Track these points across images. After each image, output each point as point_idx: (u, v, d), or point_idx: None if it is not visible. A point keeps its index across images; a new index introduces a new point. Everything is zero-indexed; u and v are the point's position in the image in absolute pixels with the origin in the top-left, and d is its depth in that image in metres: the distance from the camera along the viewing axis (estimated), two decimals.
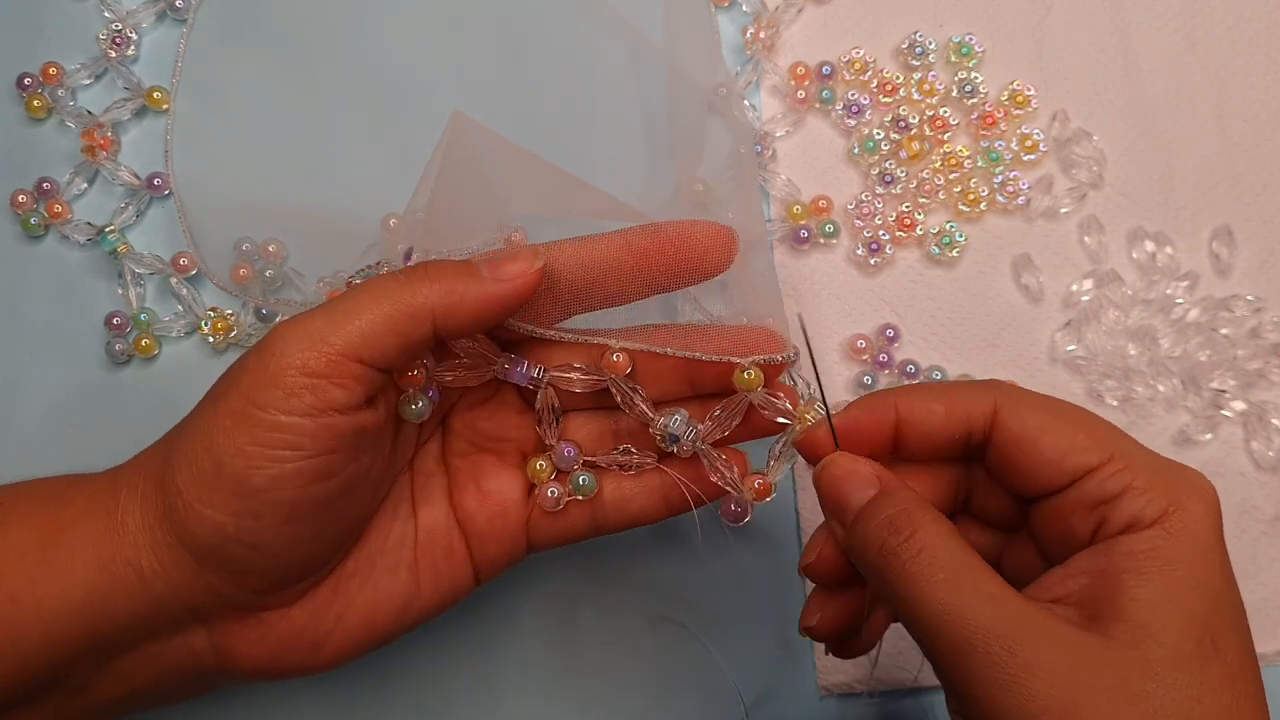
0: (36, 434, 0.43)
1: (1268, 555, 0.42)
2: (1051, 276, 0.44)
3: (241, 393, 0.29)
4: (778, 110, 0.46)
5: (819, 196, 0.44)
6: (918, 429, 0.32)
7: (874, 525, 0.29)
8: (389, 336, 0.30)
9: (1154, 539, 0.28)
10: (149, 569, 0.29)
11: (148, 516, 0.30)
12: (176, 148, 0.46)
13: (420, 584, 0.34)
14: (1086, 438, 0.30)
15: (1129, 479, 0.29)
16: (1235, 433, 0.43)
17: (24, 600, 0.28)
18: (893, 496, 0.30)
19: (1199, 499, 0.29)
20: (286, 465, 0.29)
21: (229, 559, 0.29)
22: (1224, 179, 0.45)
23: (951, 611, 0.27)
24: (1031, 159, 0.45)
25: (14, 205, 0.45)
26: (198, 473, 0.29)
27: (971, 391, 0.31)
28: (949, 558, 0.28)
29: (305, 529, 0.30)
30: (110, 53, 0.46)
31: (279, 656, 0.32)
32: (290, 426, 0.28)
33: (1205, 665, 0.27)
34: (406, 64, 0.46)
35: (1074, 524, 0.30)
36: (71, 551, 0.29)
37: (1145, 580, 0.28)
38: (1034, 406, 0.30)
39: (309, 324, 0.29)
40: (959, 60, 0.45)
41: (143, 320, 0.43)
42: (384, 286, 0.30)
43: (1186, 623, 0.27)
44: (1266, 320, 0.43)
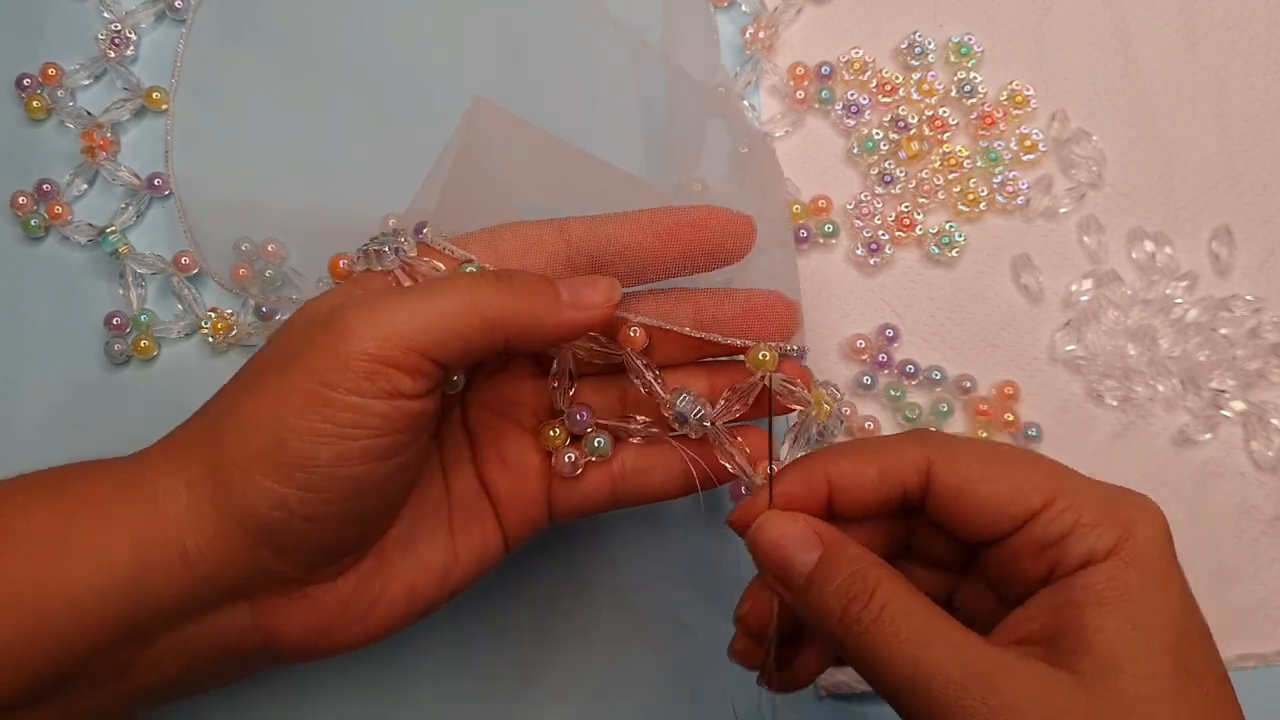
0: (36, 434, 0.43)
1: (1268, 555, 0.42)
2: (1051, 276, 0.44)
3: (312, 374, 0.28)
4: (777, 110, 0.46)
5: (818, 196, 0.44)
6: (851, 494, 0.31)
7: (830, 592, 0.29)
8: (464, 343, 0.30)
9: (1111, 570, 0.28)
10: (194, 548, 0.29)
11: (196, 497, 0.29)
12: (176, 148, 0.46)
13: (457, 551, 0.34)
14: (1025, 482, 0.29)
15: (1075, 516, 0.28)
16: (1235, 433, 0.43)
17: (50, 585, 0.28)
18: (842, 557, 0.29)
19: (1148, 524, 0.29)
20: (356, 443, 0.29)
21: (289, 534, 0.29)
22: (1224, 179, 0.45)
23: (920, 669, 0.27)
24: (1031, 159, 0.45)
25: (14, 207, 0.44)
26: (261, 449, 0.28)
27: (902, 449, 0.30)
28: (910, 615, 0.28)
29: (366, 503, 0.30)
30: (109, 53, 0.46)
31: (323, 631, 0.31)
32: (363, 408, 0.28)
33: (1183, 695, 0.27)
34: (406, 64, 0.46)
35: (1026, 566, 0.29)
36: (99, 536, 0.28)
37: (1108, 611, 0.27)
38: (968, 457, 0.30)
39: (386, 314, 0.29)
40: (958, 60, 0.45)
41: (143, 321, 0.43)
42: (467, 291, 0.30)
43: (1156, 650, 0.27)
44: (1266, 320, 0.43)
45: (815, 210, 0.44)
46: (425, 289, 0.30)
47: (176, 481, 0.29)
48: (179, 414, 0.43)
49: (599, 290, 0.32)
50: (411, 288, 0.31)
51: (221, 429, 0.29)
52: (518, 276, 0.31)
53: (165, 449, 0.30)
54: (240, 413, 0.29)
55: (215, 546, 0.29)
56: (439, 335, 0.29)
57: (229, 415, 0.30)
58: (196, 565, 0.29)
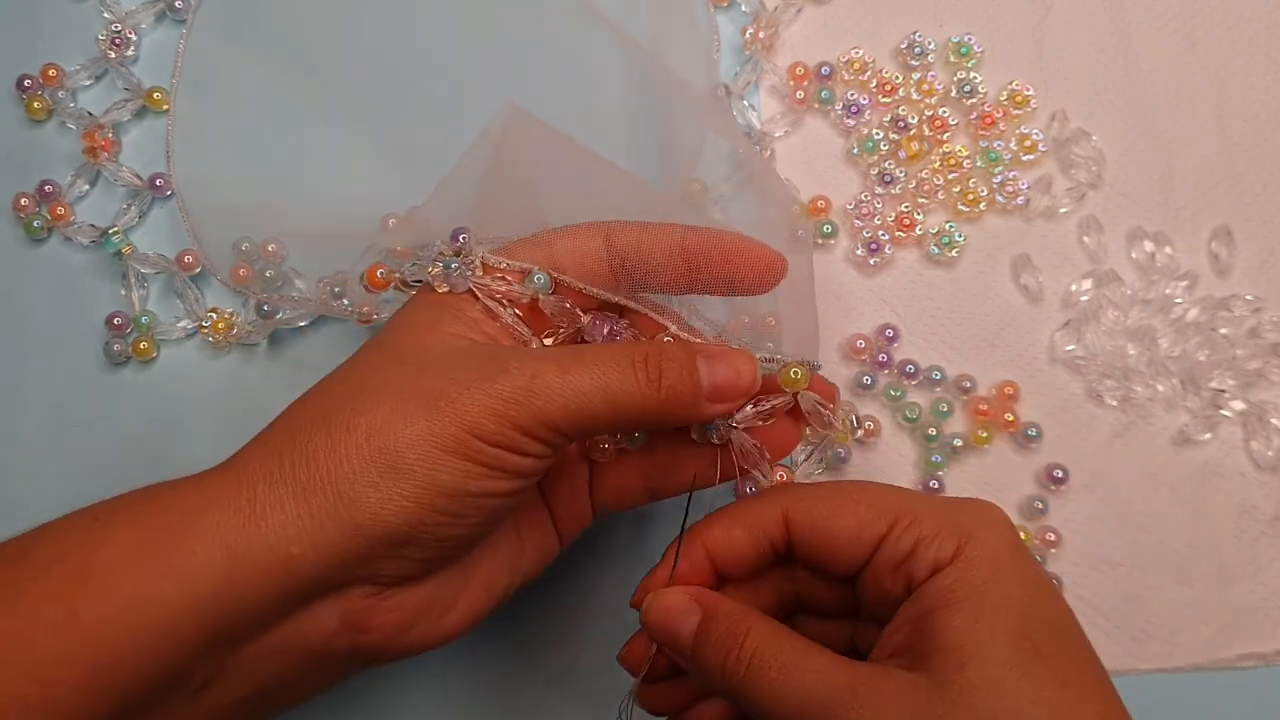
0: (37, 435, 0.43)
1: (1268, 555, 0.42)
2: (1051, 276, 0.44)
3: (464, 422, 0.29)
4: (777, 110, 0.46)
5: (817, 197, 0.44)
6: (729, 556, 0.33)
7: (708, 652, 0.31)
8: (597, 425, 0.31)
9: (954, 573, 0.30)
10: (299, 555, 0.29)
11: (306, 507, 0.29)
12: (177, 148, 0.46)
13: (524, 544, 0.35)
14: (869, 511, 0.32)
15: (918, 531, 0.31)
16: (1235, 432, 0.43)
17: (145, 601, 0.28)
18: (715, 617, 0.32)
19: (987, 526, 0.31)
20: (497, 482, 0.30)
21: (413, 545, 0.30)
22: (1224, 179, 0.45)
23: (789, 699, 0.29)
24: (1031, 159, 0.45)
25: (16, 208, 0.45)
26: (404, 472, 0.29)
27: (759, 507, 0.33)
28: (775, 650, 0.30)
29: (491, 529, 0.32)
30: (110, 53, 0.46)
31: (408, 628, 0.32)
32: (507, 460, 0.30)
33: (1030, 670, 0.28)
34: (406, 64, 0.46)
35: (888, 586, 0.32)
36: (193, 549, 0.29)
37: (953, 610, 0.29)
38: (816, 499, 0.33)
39: (541, 386, 0.30)
40: (958, 60, 0.45)
41: (144, 323, 0.43)
42: (609, 374, 0.31)
43: (1000, 636, 0.29)
44: (1266, 320, 0.43)
45: (814, 210, 0.44)
46: (569, 361, 0.31)
47: (282, 494, 0.29)
48: (178, 415, 0.43)
49: (742, 381, 0.32)
50: (558, 357, 0.31)
51: (343, 444, 0.30)
52: (667, 357, 0.31)
53: (263, 461, 0.30)
54: (368, 431, 0.30)
55: (325, 554, 0.29)
56: (577, 416, 0.30)
57: (347, 433, 0.30)
58: (299, 570, 0.29)
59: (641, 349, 0.31)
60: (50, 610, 0.28)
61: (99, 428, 0.43)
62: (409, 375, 0.30)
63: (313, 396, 0.32)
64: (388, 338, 0.33)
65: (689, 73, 0.44)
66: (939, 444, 0.42)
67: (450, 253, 0.34)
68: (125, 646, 0.28)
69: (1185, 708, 0.41)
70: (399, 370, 0.31)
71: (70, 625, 0.28)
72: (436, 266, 0.33)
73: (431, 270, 0.33)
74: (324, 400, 0.31)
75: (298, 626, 0.30)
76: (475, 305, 0.33)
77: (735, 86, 0.45)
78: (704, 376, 0.31)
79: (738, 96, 0.45)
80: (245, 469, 0.30)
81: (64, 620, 0.28)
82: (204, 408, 0.43)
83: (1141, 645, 0.41)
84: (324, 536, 0.29)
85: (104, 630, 0.28)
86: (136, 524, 0.29)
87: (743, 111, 0.45)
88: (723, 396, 0.32)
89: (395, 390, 0.30)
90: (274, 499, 0.29)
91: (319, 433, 0.30)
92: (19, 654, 0.27)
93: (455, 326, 0.33)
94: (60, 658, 0.27)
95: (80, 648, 0.28)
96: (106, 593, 0.28)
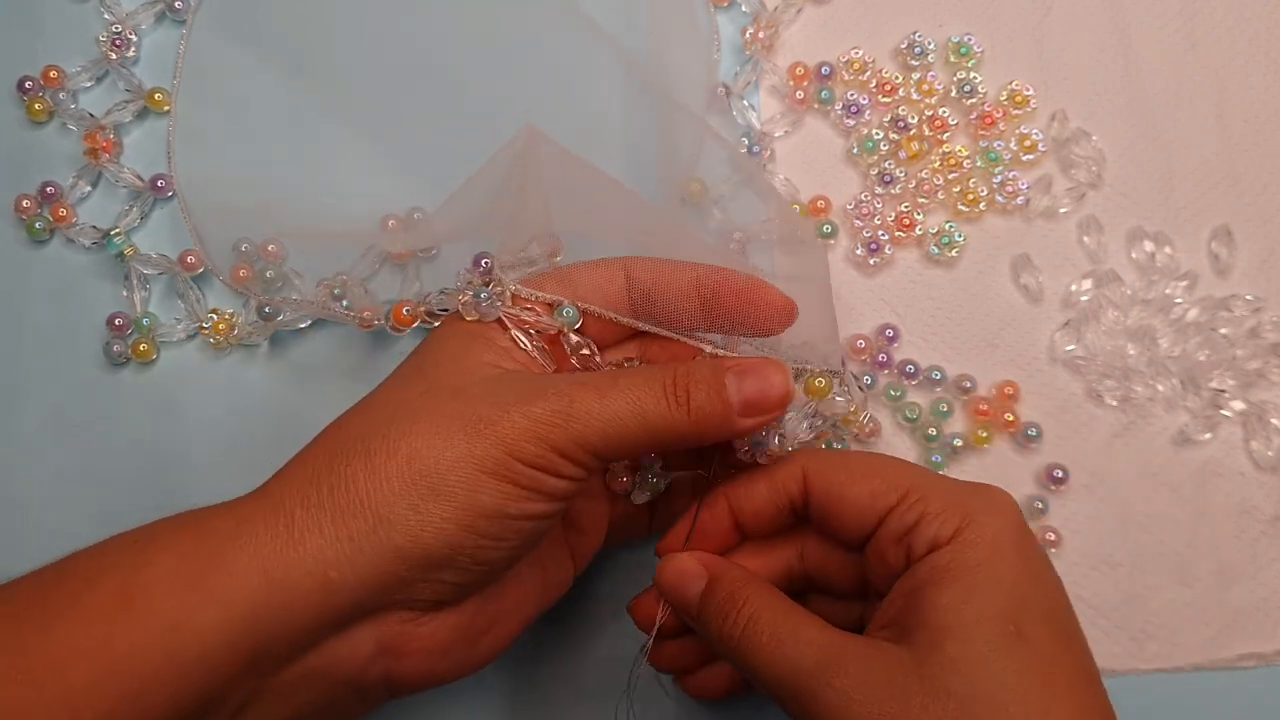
0: (38, 436, 0.43)
1: (1267, 555, 0.42)
2: (1051, 276, 0.44)
3: (504, 445, 0.30)
4: (776, 110, 0.46)
5: (817, 197, 0.45)
6: (749, 509, 0.35)
7: (709, 615, 0.33)
8: (630, 448, 0.32)
9: (951, 552, 0.31)
10: (338, 578, 0.29)
11: (348, 529, 0.29)
12: (178, 149, 0.46)
13: (547, 571, 0.36)
14: (882, 482, 0.33)
15: (923, 507, 0.32)
16: (1234, 432, 0.43)
17: (183, 629, 0.28)
18: (720, 582, 0.33)
19: (993, 511, 0.32)
20: (537, 505, 0.31)
21: (451, 568, 0.31)
22: (1224, 179, 0.45)
23: (778, 664, 0.30)
24: (1030, 159, 0.45)
25: (18, 210, 0.45)
26: (445, 495, 0.30)
27: (784, 464, 0.34)
28: (769, 620, 0.31)
29: (527, 552, 0.33)
30: (110, 54, 0.46)
31: (443, 654, 0.32)
32: (544, 482, 0.31)
33: (1010, 652, 0.29)
34: (405, 64, 0.46)
35: (889, 559, 0.33)
36: (230, 573, 0.29)
37: (944, 589, 0.30)
38: (836, 465, 0.34)
39: (580, 412, 0.31)
40: (958, 60, 0.45)
41: (144, 324, 0.43)
42: (641, 400, 0.31)
43: (986, 618, 0.29)
44: (1266, 320, 0.43)
45: (814, 211, 0.44)
46: (604, 386, 0.31)
47: (320, 517, 0.30)
48: (178, 416, 0.43)
49: (773, 393, 0.32)
50: (594, 383, 0.31)
51: (383, 467, 0.30)
52: (693, 387, 0.32)
53: (300, 486, 0.30)
54: (408, 454, 0.30)
55: (364, 577, 0.30)
56: (613, 440, 0.31)
57: (388, 456, 0.30)
58: (337, 594, 0.29)
59: (670, 372, 0.32)
60: (82, 637, 0.28)
61: (99, 428, 0.43)
62: (447, 400, 0.31)
63: (349, 421, 0.32)
64: (422, 365, 0.33)
65: (689, 73, 0.44)
66: (939, 444, 0.42)
67: (480, 282, 0.34)
68: (160, 671, 0.28)
69: (1185, 708, 0.41)
70: (437, 395, 0.31)
71: (102, 652, 0.28)
72: (466, 295, 0.34)
73: (461, 299, 0.34)
74: (362, 425, 0.31)
75: (333, 653, 0.31)
76: (504, 335, 0.34)
77: (735, 86, 0.45)
78: (733, 394, 0.32)
79: (737, 96, 0.45)
80: (282, 494, 0.30)
81: (95, 647, 0.28)
82: (204, 409, 0.44)
83: (1141, 645, 0.41)
84: (363, 559, 0.29)
85: (138, 656, 0.28)
86: (173, 549, 0.29)
87: (743, 111, 0.45)
88: (755, 411, 0.32)
89: (435, 414, 0.31)
90: (312, 523, 0.29)
91: (358, 457, 0.30)
92: (50, 681, 0.27)
93: (488, 355, 0.33)
94: (91, 685, 0.27)
95: (111, 675, 0.28)
96: (143, 617, 0.28)
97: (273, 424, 0.43)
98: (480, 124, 0.45)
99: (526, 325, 0.34)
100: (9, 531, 0.43)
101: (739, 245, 0.43)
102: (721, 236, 0.43)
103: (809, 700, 0.30)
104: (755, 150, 0.45)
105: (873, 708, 0.29)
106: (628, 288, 0.35)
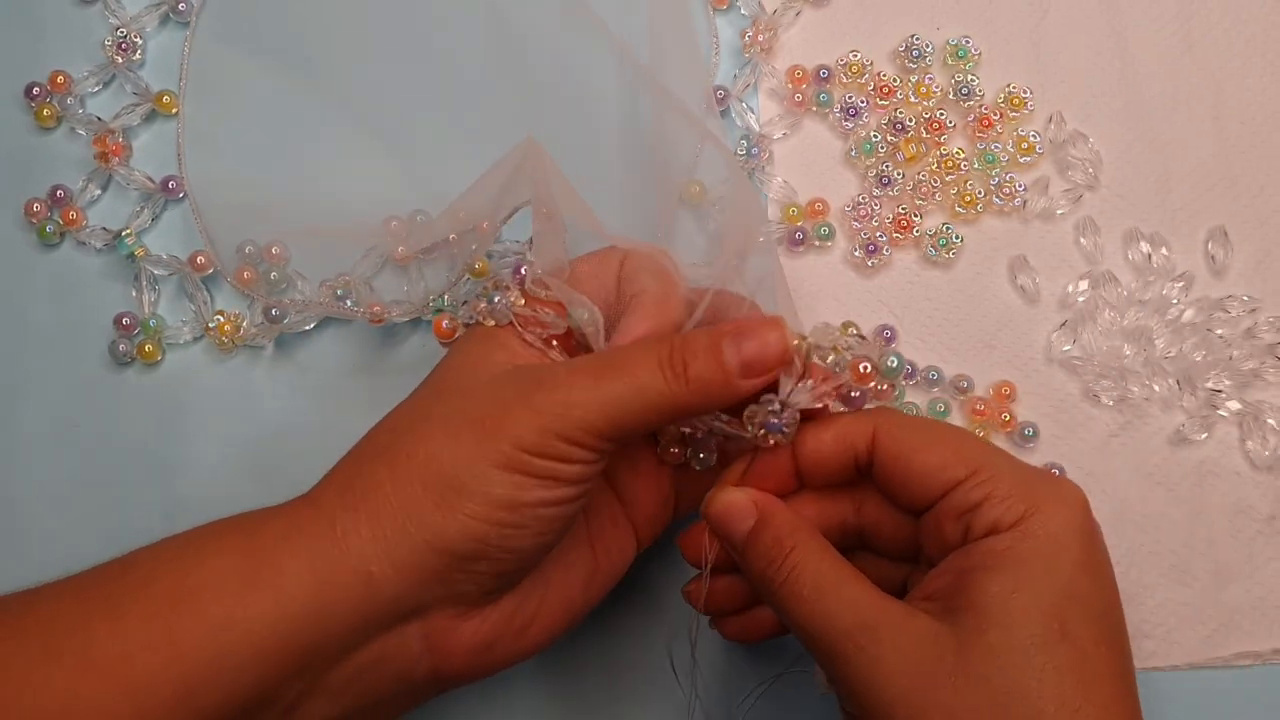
0: (43, 438, 0.44)
1: (1264, 554, 0.42)
2: (1048, 277, 0.44)
3: (512, 440, 0.31)
4: (775, 113, 0.46)
5: (815, 199, 0.45)
6: (811, 456, 0.34)
7: (754, 555, 0.33)
8: (638, 426, 0.32)
9: (1010, 539, 0.31)
10: (380, 574, 0.30)
11: (381, 529, 0.31)
12: (188, 150, 0.46)
13: (597, 557, 0.36)
14: (953, 454, 0.33)
15: (991, 488, 0.32)
16: (1231, 432, 0.43)
17: (236, 623, 0.29)
18: (768, 524, 0.33)
19: (1061, 504, 0.31)
20: (553, 492, 0.31)
21: (483, 559, 0.31)
22: (1220, 181, 0.45)
23: (816, 618, 0.31)
24: (1028, 161, 0.45)
25: (28, 214, 0.45)
26: (462, 492, 0.31)
27: (855, 418, 0.34)
28: (813, 571, 0.31)
29: (559, 534, 0.33)
30: (117, 58, 0.46)
31: (489, 647, 0.33)
32: (557, 470, 0.31)
33: (1051, 649, 0.29)
34: (405, 63, 0.47)
35: (946, 532, 0.32)
36: (282, 569, 0.30)
37: (997, 575, 0.30)
38: (909, 428, 0.33)
39: (579, 398, 0.31)
40: (956, 63, 0.46)
41: (151, 326, 0.44)
42: (641, 377, 0.31)
43: (1033, 611, 0.29)
44: (1262, 320, 0.43)
45: (812, 213, 0.45)
46: (601, 369, 0.32)
47: (357, 519, 0.31)
48: (181, 418, 0.44)
49: (771, 350, 0.32)
50: (591, 366, 0.32)
51: (404, 471, 0.31)
52: (689, 357, 0.32)
53: (338, 491, 0.32)
54: (424, 458, 0.31)
55: (403, 572, 0.31)
56: (617, 421, 0.31)
57: (408, 460, 0.31)
58: (381, 590, 0.31)
59: (666, 345, 0.32)
60: (148, 630, 0.29)
61: (103, 429, 0.44)
62: (458, 403, 0.32)
63: (377, 431, 0.34)
64: (440, 373, 0.35)
65: (688, 75, 0.44)
66: None
67: (491, 287, 0.36)
68: (217, 667, 0.29)
69: (1181, 707, 0.41)
70: (449, 399, 0.33)
71: (166, 645, 0.29)
72: (481, 303, 0.36)
73: (478, 306, 0.36)
74: (386, 434, 0.33)
75: (381, 651, 0.32)
76: (514, 335, 0.35)
77: (734, 89, 0.46)
78: (731, 358, 0.32)
79: (736, 99, 0.46)
80: (323, 499, 0.32)
81: (160, 640, 0.29)
82: (208, 411, 0.44)
83: (1138, 644, 0.41)
84: (399, 555, 0.31)
85: (198, 651, 0.29)
86: (228, 550, 0.31)
87: (741, 114, 0.46)
88: (754, 372, 0.32)
89: (447, 418, 0.32)
90: (352, 525, 0.31)
91: (383, 462, 0.32)
92: (119, 672, 0.28)
93: (500, 355, 0.34)
94: (155, 677, 0.28)
95: (173, 668, 0.29)
96: (200, 614, 0.29)
97: (277, 426, 0.43)
98: (485, 126, 0.46)
99: (536, 327, 0.35)
100: (9, 531, 0.43)
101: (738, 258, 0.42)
102: (718, 244, 0.43)
103: (840, 659, 0.30)
104: (754, 153, 0.45)
105: (904, 680, 0.29)
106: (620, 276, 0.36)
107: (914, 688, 0.29)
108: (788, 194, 0.45)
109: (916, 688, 0.29)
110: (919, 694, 0.29)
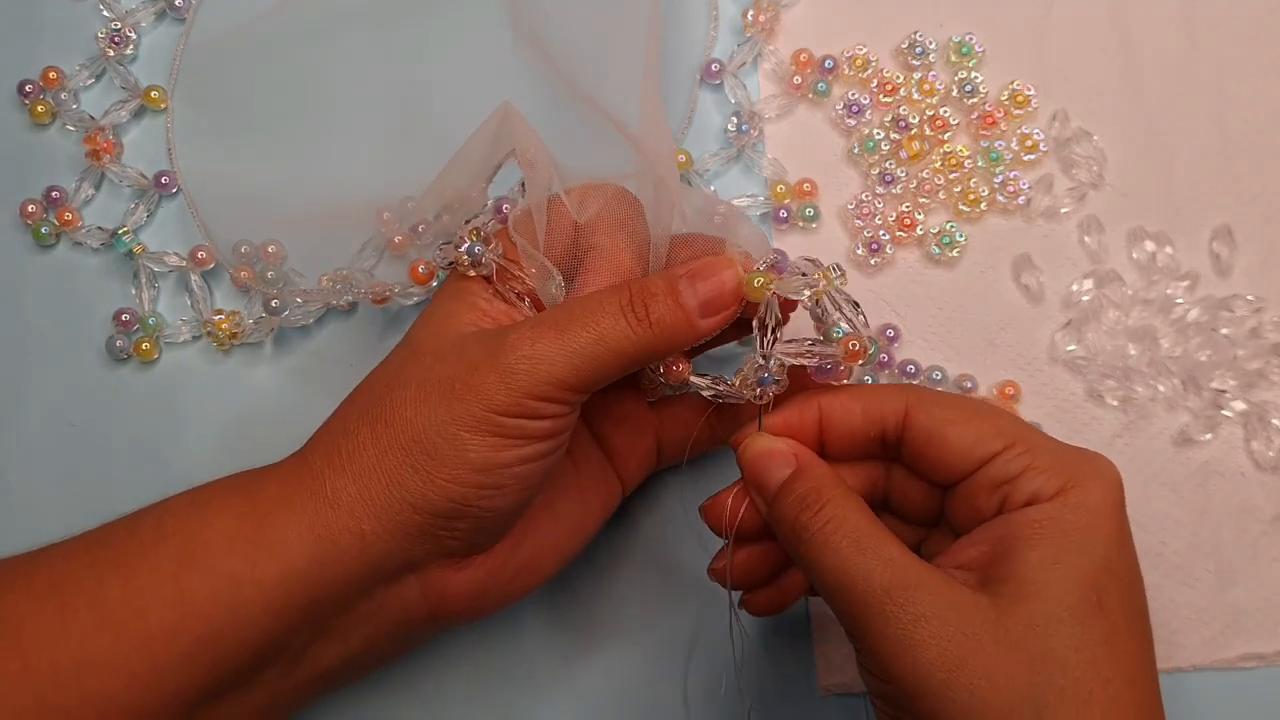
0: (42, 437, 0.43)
1: (1268, 555, 0.42)
2: (1051, 276, 0.44)
3: (482, 401, 0.31)
4: (770, 93, 0.46)
5: (804, 179, 0.44)
6: (839, 428, 0.35)
7: (789, 502, 0.32)
8: (605, 375, 0.33)
9: (1050, 510, 0.31)
10: (371, 532, 0.32)
11: (367, 489, 0.32)
12: (178, 145, 0.46)
13: (586, 501, 0.37)
14: (990, 427, 0.33)
15: (1029, 460, 0.32)
16: (1235, 432, 0.43)
17: (244, 579, 0.31)
18: (807, 473, 0.33)
19: (1099, 479, 0.32)
20: (526, 448, 0.32)
21: (465, 518, 0.32)
22: (1224, 179, 0.45)
23: (853, 572, 0.30)
24: (1031, 159, 0.45)
25: (24, 215, 0.44)
26: (438, 457, 0.31)
27: (886, 392, 0.34)
28: (853, 526, 0.31)
29: (536, 489, 0.34)
30: (109, 52, 0.46)
31: (484, 592, 0.35)
32: (528, 428, 0.32)
33: (1087, 620, 0.30)
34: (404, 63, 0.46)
35: (980, 503, 0.33)
36: (284, 529, 0.31)
37: (1036, 545, 0.30)
38: (941, 404, 0.34)
39: (544, 352, 0.32)
40: (959, 60, 0.45)
41: (150, 324, 0.43)
42: (605, 328, 0.32)
43: (1072, 582, 0.30)
44: (1267, 320, 0.43)
45: (800, 194, 0.44)
46: (564, 322, 0.32)
47: (345, 480, 0.32)
48: (179, 416, 0.43)
49: (727, 286, 0.33)
50: (553, 320, 0.33)
51: (384, 436, 0.32)
52: (650, 301, 0.32)
53: (326, 453, 0.33)
54: (401, 424, 0.32)
55: (392, 531, 0.32)
56: (584, 372, 0.32)
57: (386, 425, 0.32)
58: (372, 546, 0.32)
59: (625, 291, 0.33)
60: (161, 585, 0.30)
61: (101, 428, 0.43)
62: (428, 366, 0.33)
63: (358, 394, 0.34)
64: (412, 334, 0.35)
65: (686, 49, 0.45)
66: None
67: (474, 237, 0.35)
68: (226, 621, 0.30)
69: (1185, 708, 0.41)
70: (420, 363, 0.33)
71: (179, 601, 0.30)
72: (461, 252, 0.35)
73: (457, 254, 0.35)
74: (366, 397, 0.34)
75: (382, 600, 0.33)
76: (485, 291, 0.35)
77: (730, 65, 0.46)
78: (689, 299, 0.33)
79: (731, 74, 0.46)
80: (312, 460, 0.33)
81: (173, 596, 0.30)
82: (206, 407, 0.44)
83: None
84: (387, 515, 0.32)
85: (210, 606, 0.30)
86: (230, 511, 0.32)
87: (734, 89, 0.45)
88: (713, 309, 0.33)
89: (419, 383, 0.33)
90: (341, 486, 0.32)
91: (364, 427, 0.33)
92: (133, 626, 0.30)
93: (469, 315, 0.35)
94: (169, 631, 0.30)
95: (186, 622, 0.30)
96: (211, 570, 0.31)
97: (275, 423, 0.43)
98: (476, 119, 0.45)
99: (513, 281, 0.35)
100: (7, 530, 0.43)
101: (722, 220, 0.42)
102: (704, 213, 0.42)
103: (876, 617, 0.30)
104: (744, 129, 0.45)
105: (943, 643, 0.29)
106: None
107: (952, 650, 0.29)
108: (777, 171, 0.45)
109: (955, 650, 0.29)
110: (957, 657, 0.29)
